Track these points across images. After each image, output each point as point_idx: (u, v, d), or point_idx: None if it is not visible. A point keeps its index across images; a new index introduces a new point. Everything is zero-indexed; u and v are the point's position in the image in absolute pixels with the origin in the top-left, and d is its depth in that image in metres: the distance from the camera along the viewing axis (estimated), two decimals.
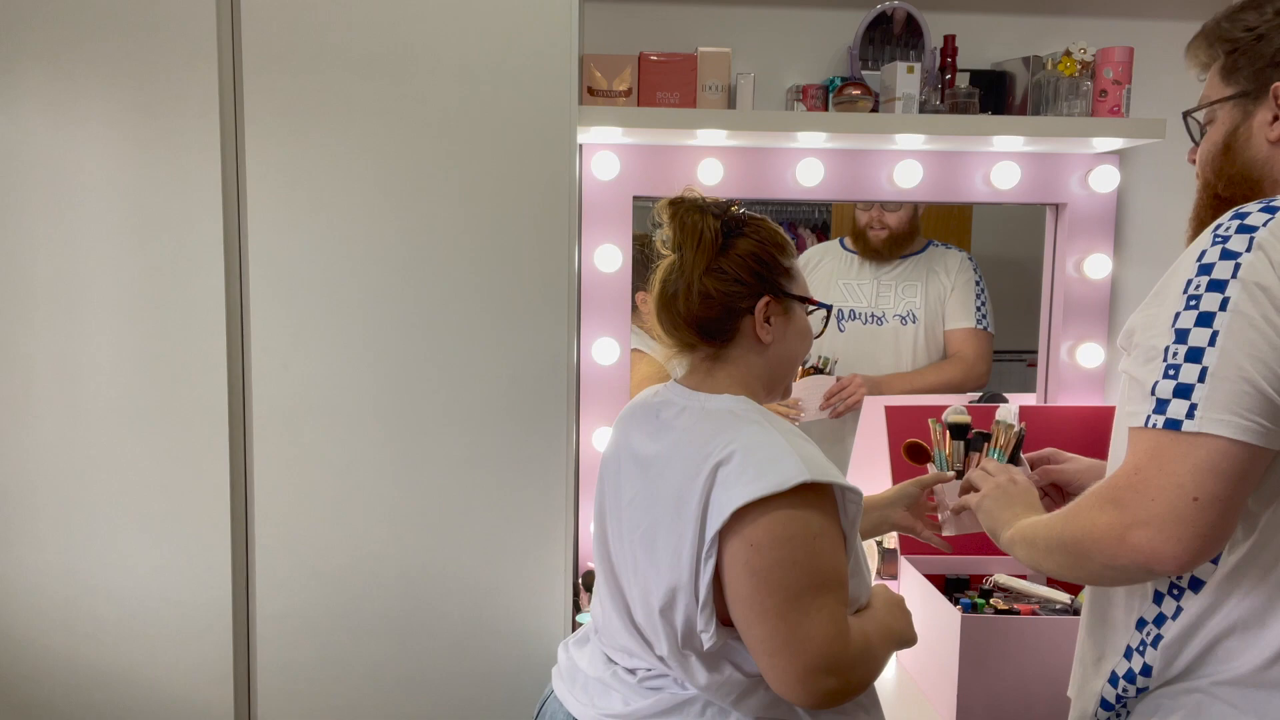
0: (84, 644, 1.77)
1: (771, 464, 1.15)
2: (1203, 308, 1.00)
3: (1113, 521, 1.01)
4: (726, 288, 1.26)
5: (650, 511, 1.25)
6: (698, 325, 1.28)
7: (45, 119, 1.67)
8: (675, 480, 1.22)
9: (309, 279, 1.73)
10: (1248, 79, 1.13)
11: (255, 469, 1.76)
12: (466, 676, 1.82)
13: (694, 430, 1.24)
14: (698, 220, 1.27)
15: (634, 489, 1.29)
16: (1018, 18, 2.24)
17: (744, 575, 1.15)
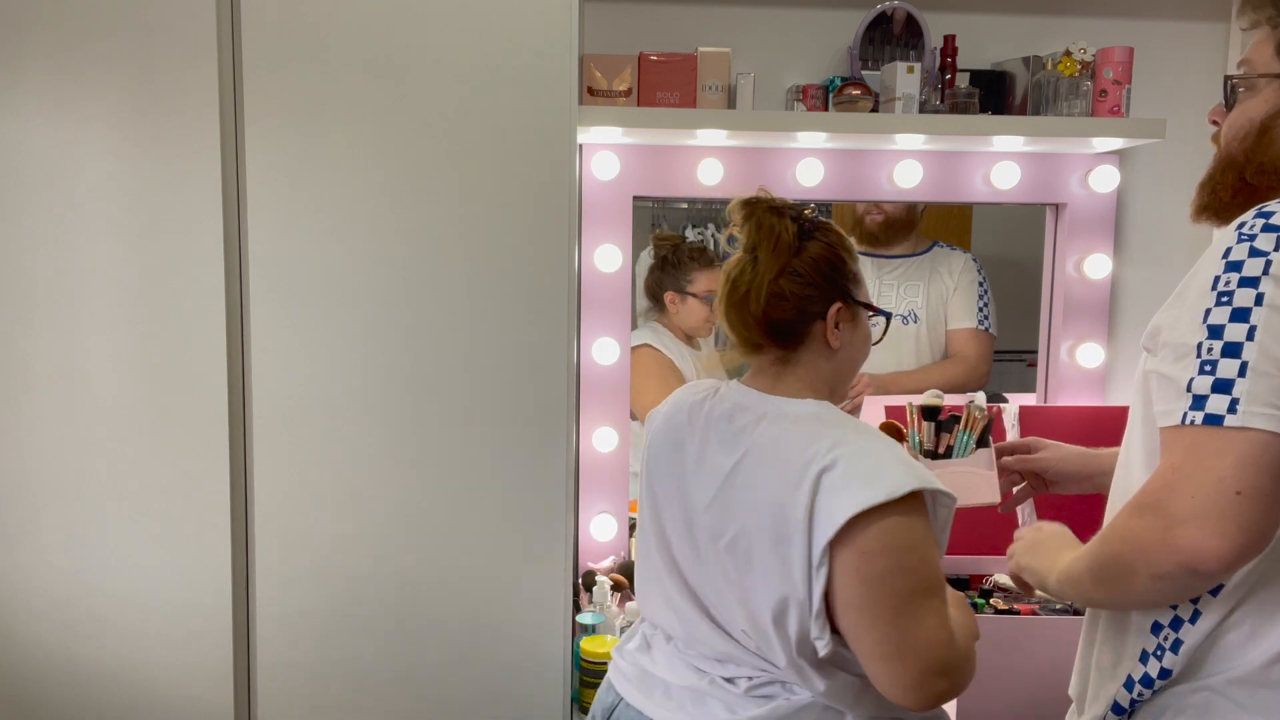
0: (84, 644, 1.77)
1: (879, 472, 1.15)
2: (1236, 303, 0.99)
3: (1152, 525, 0.98)
4: (801, 290, 1.26)
5: (737, 518, 1.23)
6: (769, 326, 1.27)
7: (45, 119, 1.67)
8: (770, 487, 1.20)
9: (309, 279, 1.73)
10: None
11: (255, 469, 1.76)
12: (466, 676, 1.81)
13: (784, 436, 1.23)
14: (775, 222, 1.26)
15: (709, 494, 1.27)
16: (1018, 18, 2.24)
17: (855, 583, 1.15)
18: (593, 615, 1.93)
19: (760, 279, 1.25)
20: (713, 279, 2.34)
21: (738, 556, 1.23)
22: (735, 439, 1.27)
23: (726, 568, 1.25)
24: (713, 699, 1.28)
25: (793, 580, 1.18)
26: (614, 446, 2.20)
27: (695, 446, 1.31)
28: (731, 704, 1.27)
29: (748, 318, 1.27)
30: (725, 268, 1.31)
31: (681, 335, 2.40)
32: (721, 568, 1.26)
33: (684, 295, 2.36)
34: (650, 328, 2.40)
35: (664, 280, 2.37)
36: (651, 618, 1.39)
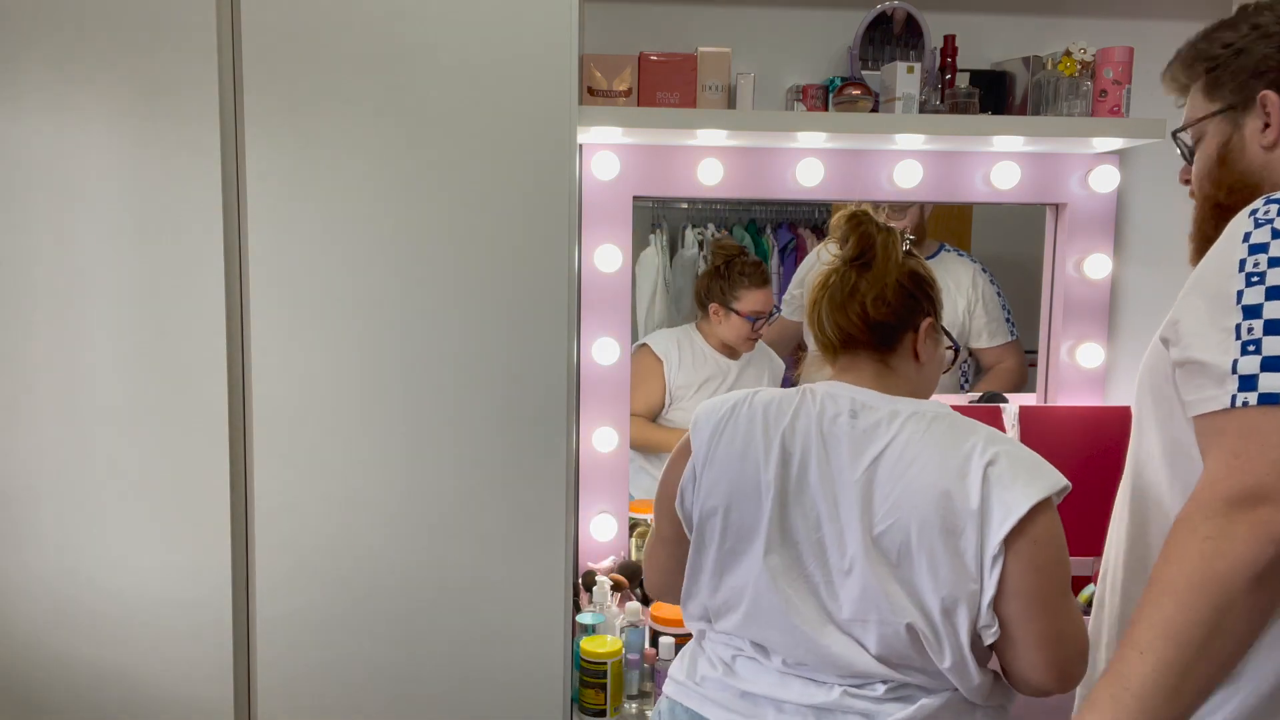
0: (84, 644, 1.77)
1: (1039, 466, 1.22)
2: (1270, 282, 0.98)
3: (1230, 520, 0.92)
4: (902, 300, 1.35)
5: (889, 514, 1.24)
6: (872, 327, 1.35)
7: (45, 119, 1.67)
8: (930, 479, 1.22)
9: (309, 279, 1.73)
10: (1233, 92, 1.15)
11: (255, 469, 1.76)
12: (466, 676, 1.81)
13: (931, 431, 1.26)
14: (886, 236, 1.37)
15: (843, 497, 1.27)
16: (1018, 18, 2.24)
17: (1030, 572, 1.19)
18: (593, 615, 1.93)
19: (871, 283, 1.35)
20: (760, 300, 2.33)
21: (891, 553, 1.24)
22: (867, 437, 1.28)
23: (872, 567, 1.24)
24: (847, 712, 1.26)
25: (967, 571, 1.21)
26: (614, 446, 2.20)
27: (810, 450, 1.30)
28: (870, 711, 1.26)
29: (852, 317, 1.35)
30: (821, 277, 1.39)
31: (718, 344, 2.39)
32: (864, 569, 1.24)
33: (728, 310, 2.34)
34: (677, 331, 2.40)
35: (712, 290, 2.35)
36: (738, 632, 1.34)
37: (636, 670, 1.88)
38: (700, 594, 1.37)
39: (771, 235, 2.46)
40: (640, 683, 1.89)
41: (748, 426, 1.34)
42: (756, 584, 1.30)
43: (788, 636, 1.29)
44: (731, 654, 1.35)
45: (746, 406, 1.36)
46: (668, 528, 1.42)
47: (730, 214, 2.44)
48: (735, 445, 1.33)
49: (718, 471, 1.34)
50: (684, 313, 2.46)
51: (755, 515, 1.31)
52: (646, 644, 1.91)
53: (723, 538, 1.34)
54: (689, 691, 1.36)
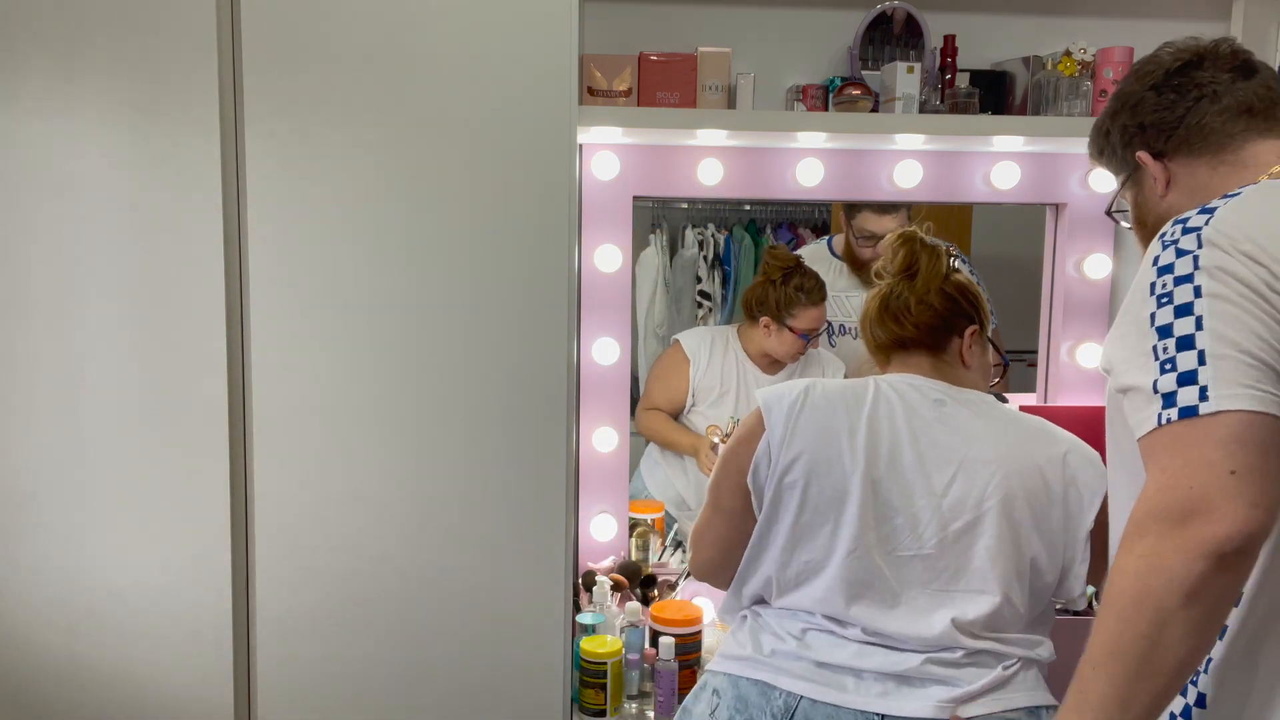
0: (84, 644, 1.77)
1: (1097, 458, 1.40)
2: (1177, 300, 1.00)
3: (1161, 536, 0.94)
4: (947, 305, 1.51)
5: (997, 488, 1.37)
6: (922, 329, 1.50)
7: (45, 119, 1.67)
8: (1029, 458, 1.39)
9: (309, 279, 1.73)
10: (1121, 166, 1.29)
11: (255, 469, 1.76)
12: (466, 676, 1.82)
13: (1009, 416, 1.47)
14: (931, 251, 1.53)
15: (947, 476, 1.39)
16: (1018, 18, 2.24)
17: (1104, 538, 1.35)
18: (593, 615, 1.93)
19: (917, 290, 1.50)
20: (816, 317, 2.28)
21: (988, 528, 1.36)
22: (956, 421, 1.42)
23: (968, 541, 1.36)
24: (927, 679, 1.33)
25: (1058, 545, 1.38)
26: (614, 446, 2.20)
27: (899, 431, 1.41)
28: (949, 677, 1.33)
29: (904, 320, 1.50)
30: (875, 293, 1.55)
31: (758, 353, 2.33)
32: (959, 543, 1.37)
33: (782, 326, 2.28)
34: (714, 331, 2.36)
35: (766, 302, 2.27)
36: (814, 607, 1.40)
37: (636, 670, 1.88)
38: (765, 567, 1.43)
39: (771, 235, 2.46)
40: (640, 683, 1.89)
41: (826, 407, 1.43)
42: (841, 559, 1.38)
43: (867, 609, 1.37)
44: (801, 627, 1.39)
45: (820, 390, 1.45)
46: (733, 502, 1.46)
47: (730, 214, 2.44)
48: (816, 423, 1.41)
49: (798, 447, 1.40)
50: (684, 313, 2.46)
51: (839, 491, 1.39)
52: (646, 644, 1.91)
53: (800, 511, 1.40)
54: (757, 664, 1.38)
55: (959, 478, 1.38)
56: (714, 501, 1.50)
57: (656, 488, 2.39)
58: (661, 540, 2.28)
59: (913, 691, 1.32)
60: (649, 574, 2.10)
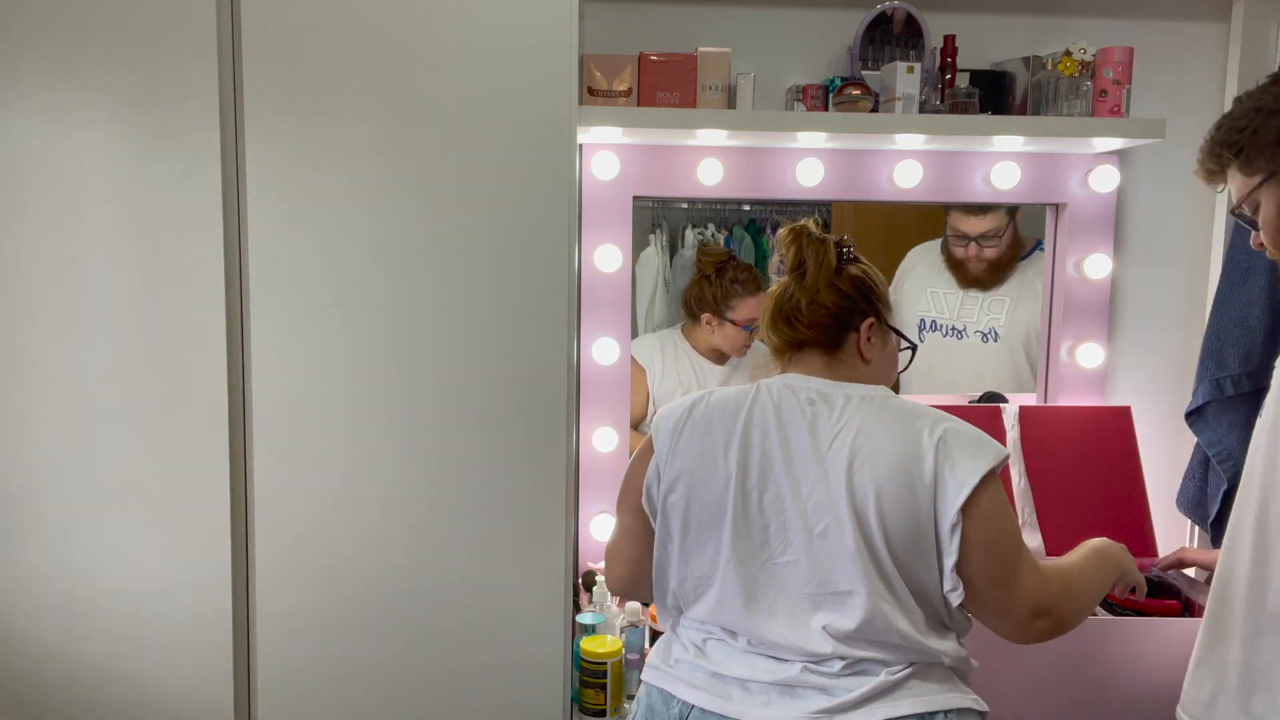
0: (84, 644, 1.77)
1: (981, 441, 1.34)
2: None
3: None
4: (839, 301, 1.45)
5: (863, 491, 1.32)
6: (815, 329, 1.45)
7: (45, 119, 1.67)
8: (892, 457, 1.32)
9: (309, 279, 1.73)
10: (1267, 162, 1.32)
11: (255, 469, 1.76)
12: (466, 676, 1.81)
13: (884, 410, 1.38)
14: (818, 246, 1.46)
15: (816, 478, 1.35)
16: (1018, 18, 2.24)
17: (984, 535, 1.31)
18: (593, 615, 1.93)
19: (807, 289, 1.45)
20: (754, 307, 2.29)
21: (853, 528, 1.31)
22: (824, 420, 1.38)
23: (835, 544, 1.32)
24: (805, 687, 1.33)
25: (928, 541, 1.31)
26: (614, 446, 2.20)
27: (770, 438, 1.38)
28: (828, 686, 1.32)
29: (795, 323, 1.45)
30: (770, 293, 1.50)
31: (706, 349, 2.36)
32: (828, 547, 1.33)
33: (723, 320, 2.31)
34: (660, 336, 2.37)
35: (704, 298, 2.30)
36: (708, 619, 1.41)
37: (636, 670, 1.88)
38: (669, 582, 1.45)
39: (771, 235, 2.46)
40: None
41: (706, 422, 1.43)
42: (724, 571, 1.38)
43: (751, 619, 1.37)
44: (702, 637, 1.42)
45: (704, 405, 1.45)
46: (633, 522, 1.50)
47: (730, 214, 2.44)
48: (695, 440, 1.42)
49: (679, 466, 1.42)
50: (684, 313, 2.46)
51: (717, 505, 1.39)
52: (646, 644, 1.91)
53: (685, 529, 1.42)
54: (663, 674, 1.43)
55: (820, 480, 1.34)
56: (619, 522, 1.53)
57: None
58: None
59: (792, 701, 1.33)
60: None
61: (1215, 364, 2.14)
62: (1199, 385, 2.17)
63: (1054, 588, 1.36)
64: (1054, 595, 1.35)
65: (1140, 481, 2.12)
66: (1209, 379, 2.14)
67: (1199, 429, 2.18)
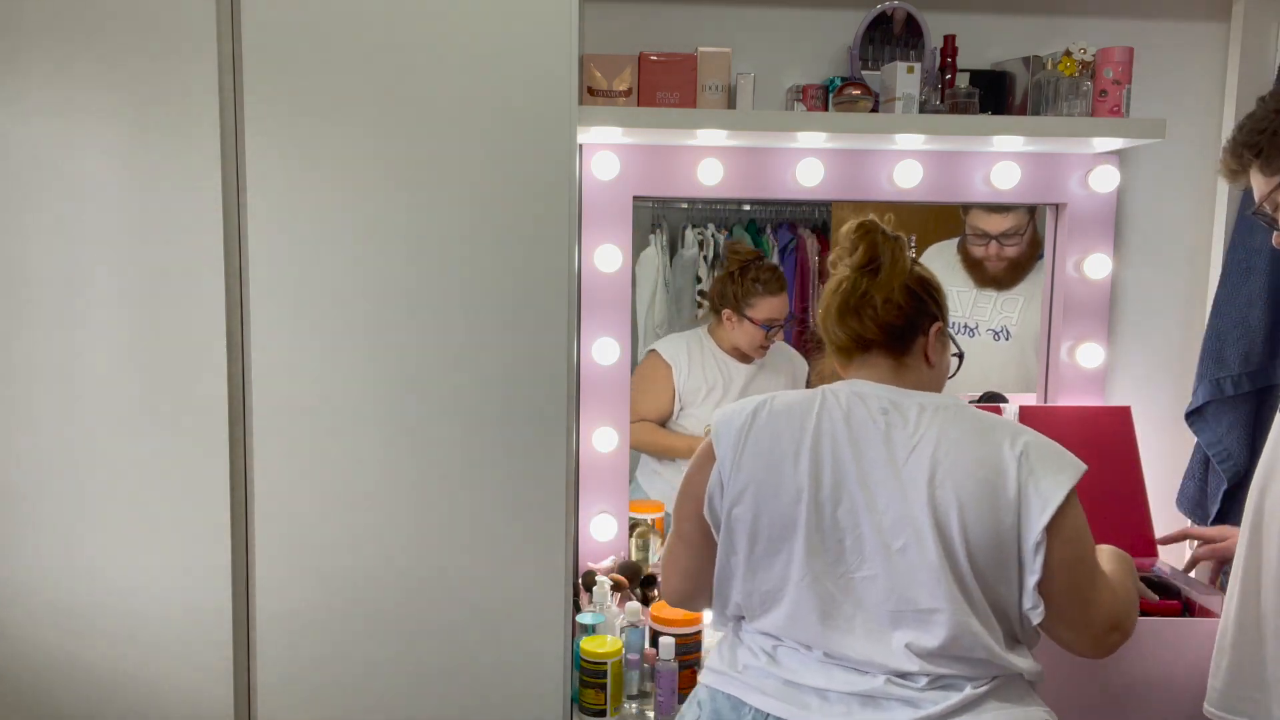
0: (84, 644, 1.77)
1: (1061, 454, 1.31)
2: None
3: None
4: (911, 303, 1.42)
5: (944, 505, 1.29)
6: (886, 329, 1.41)
7: (46, 119, 1.67)
8: (973, 469, 1.29)
9: (309, 279, 1.73)
10: None
11: (255, 469, 1.76)
12: (466, 676, 1.81)
13: (960, 420, 1.34)
14: (894, 244, 1.43)
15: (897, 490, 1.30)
16: (1018, 18, 2.24)
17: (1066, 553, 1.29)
18: (593, 615, 1.93)
19: (880, 286, 1.40)
20: (774, 308, 2.32)
21: (935, 543, 1.28)
22: (900, 432, 1.33)
23: (916, 560, 1.29)
24: (890, 699, 1.29)
25: (1011, 557, 1.29)
26: (614, 446, 2.20)
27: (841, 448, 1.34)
28: (914, 699, 1.29)
29: (865, 320, 1.40)
30: (833, 283, 1.44)
31: (730, 348, 2.38)
32: (908, 563, 1.29)
33: (742, 317, 2.33)
34: (687, 335, 2.39)
35: (726, 295, 2.33)
36: (779, 632, 1.37)
37: (636, 670, 1.88)
38: (732, 594, 1.40)
39: (771, 235, 2.46)
40: (640, 683, 1.89)
41: (772, 430, 1.37)
42: (797, 587, 1.33)
43: (827, 634, 1.32)
44: (772, 644, 1.38)
45: (767, 411, 1.39)
46: (692, 532, 1.44)
47: (730, 214, 2.44)
48: (761, 449, 1.36)
49: (745, 476, 1.36)
50: (684, 313, 2.46)
51: (788, 518, 1.34)
52: (646, 644, 1.91)
53: (753, 541, 1.36)
54: (730, 679, 1.38)
55: (898, 494, 1.30)
56: (676, 531, 1.48)
57: (659, 495, 2.40)
58: (661, 540, 2.28)
59: (875, 713, 1.29)
60: (649, 574, 2.10)
61: (1215, 364, 2.14)
62: (1199, 385, 2.17)
63: (1123, 601, 1.36)
64: (1125, 608, 1.35)
65: (1140, 481, 2.12)
66: (1209, 379, 2.14)
67: (1199, 429, 2.18)
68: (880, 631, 1.31)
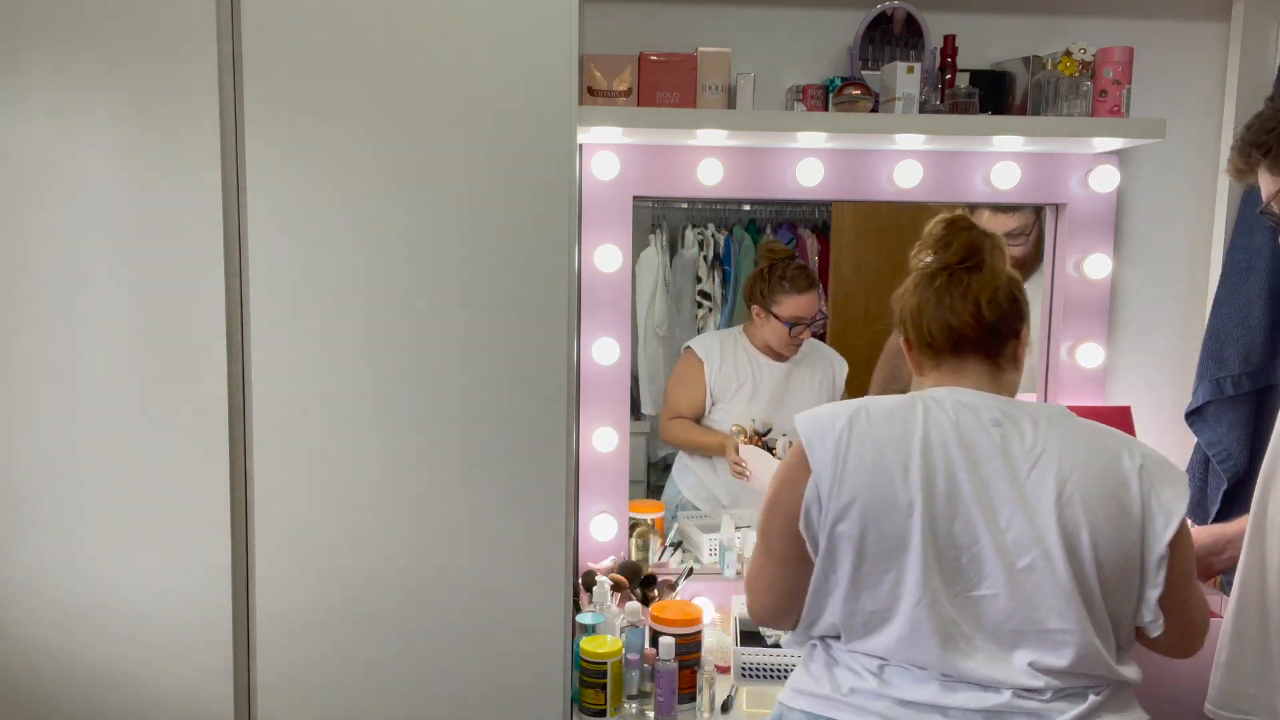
0: (84, 644, 1.77)
1: (1173, 466, 1.31)
2: None
3: None
4: (1010, 306, 1.38)
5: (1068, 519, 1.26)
6: (988, 329, 1.36)
7: (45, 119, 1.67)
8: (1095, 484, 1.27)
9: (309, 279, 1.73)
10: None
11: (255, 469, 1.76)
12: (466, 676, 1.81)
13: (1077, 433, 1.31)
14: (994, 241, 1.39)
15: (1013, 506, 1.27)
16: (1018, 18, 2.24)
17: (1183, 565, 1.29)
18: (593, 615, 1.93)
19: (983, 285, 1.35)
20: (801, 305, 2.34)
21: (1061, 560, 1.24)
22: (1016, 445, 1.29)
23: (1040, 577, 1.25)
24: (1017, 714, 1.26)
25: (1135, 572, 1.27)
26: (614, 446, 2.20)
27: (954, 461, 1.28)
28: (1041, 711, 1.27)
29: (965, 317, 1.35)
30: (922, 279, 1.39)
31: (763, 346, 2.40)
32: (1032, 581, 1.25)
33: (769, 315, 2.36)
34: (722, 333, 2.43)
35: (755, 292, 2.37)
36: (888, 655, 1.31)
37: (636, 670, 1.88)
38: (829, 614, 1.33)
39: (772, 235, 2.46)
40: (640, 683, 1.89)
41: (874, 441, 1.29)
42: (915, 609, 1.27)
43: (947, 656, 1.27)
44: (877, 664, 1.31)
45: (865, 420, 1.31)
46: (786, 548, 1.35)
47: (730, 214, 2.44)
48: (865, 462, 1.29)
49: (850, 492, 1.28)
50: (684, 313, 2.47)
51: (899, 536, 1.27)
52: (646, 644, 1.91)
53: (858, 560, 1.29)
54: (837, 704, 1.32)
55: (1021, 511, 1.25)
56: (765, 547, 1.40)
57: (689, 489, 2.44)
58: (661, 540, 2.28)
59: None
60: (649, 574, 2.10)
61: (1215, 364, 2.14)
62: (1199, 385, 2.17)
63: (1202, 595, 1.36)
64: (1207, 608, 1.36)
65: None
66: (1209, 379, 2.14)
67: (1199, 429, 2.18)
68: (999, 651, 1.27)
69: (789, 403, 2.40)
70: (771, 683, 1.92)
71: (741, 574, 2.21)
